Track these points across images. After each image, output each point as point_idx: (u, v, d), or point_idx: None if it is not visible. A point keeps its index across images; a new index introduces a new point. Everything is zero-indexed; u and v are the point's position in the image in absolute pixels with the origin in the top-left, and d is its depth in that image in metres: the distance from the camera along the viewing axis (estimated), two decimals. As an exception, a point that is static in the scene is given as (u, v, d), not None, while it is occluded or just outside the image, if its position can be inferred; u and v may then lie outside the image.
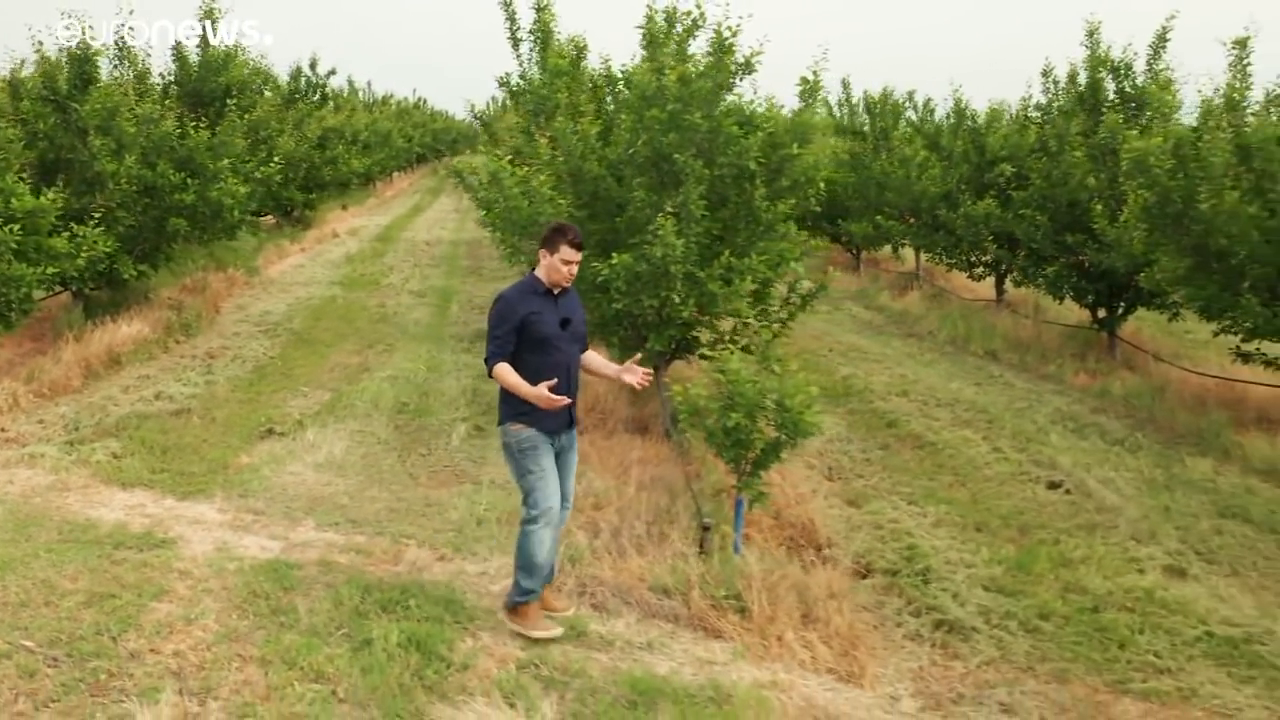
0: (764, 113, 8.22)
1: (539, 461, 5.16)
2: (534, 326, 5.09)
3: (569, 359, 5.21)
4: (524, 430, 5.14)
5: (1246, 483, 8.75)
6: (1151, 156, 9.93)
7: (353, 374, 11.40)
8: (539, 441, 5.15)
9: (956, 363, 13.81)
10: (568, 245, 5.13)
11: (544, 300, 5.17)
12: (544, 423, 5.15)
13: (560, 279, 5.17)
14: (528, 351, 5.11)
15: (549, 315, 5.14)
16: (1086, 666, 5.69)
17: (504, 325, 5.09)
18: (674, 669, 5.31)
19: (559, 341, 5.16)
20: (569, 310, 5.26)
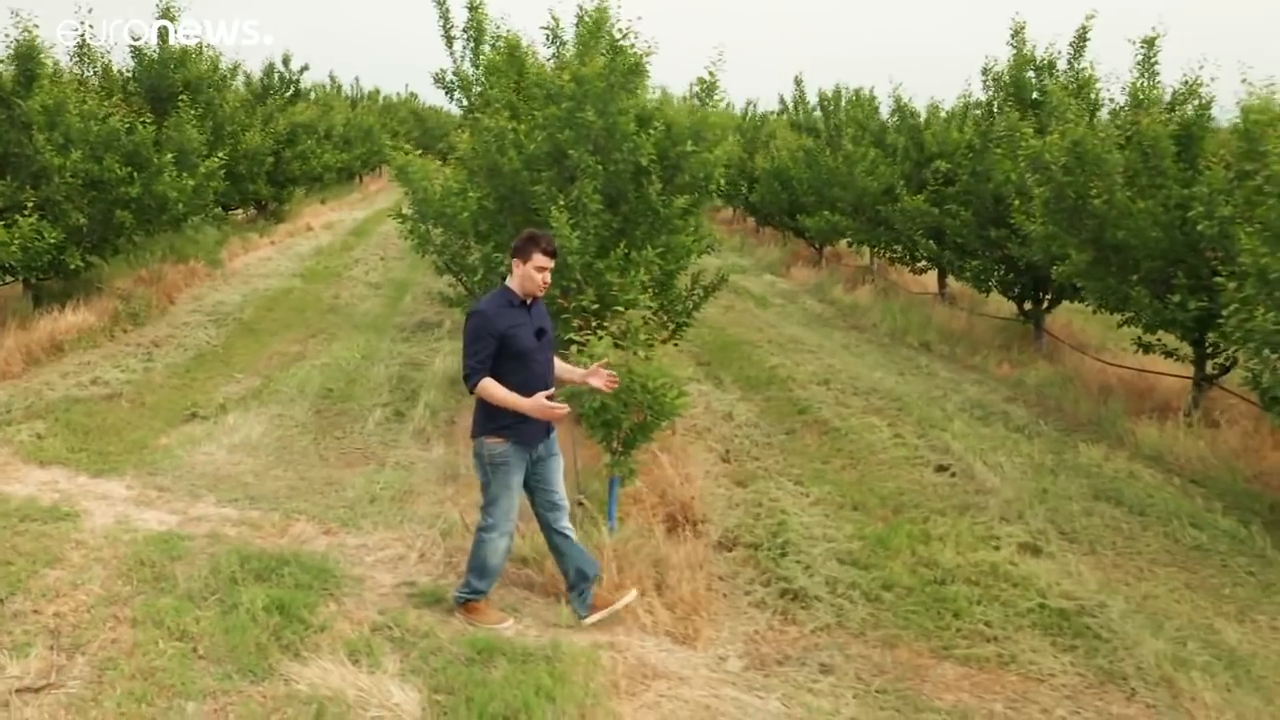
0: (660, 110, 8.55)
1: (508, 479, 5.26)
2: (513, 341, 5.11)
3: (546, 369, 5.28)
4: (500, 445, 5.20)
5: (1131, 468, 9.10)
6: (1047, 154, 10.29)
7: (289, 361, 11.76)
8: (512, 458, 5.22)
9: (889, 354, 14.17)
10: (540, 253, 5.14)
11: (519, 312, 5.19)
12: (524, 436, 5.22)
13: (534, 288, 5.19)
14: (508, 365, 5.12)
15: (526, 328, 5.18)
16: (917, 633, 6.04)
17: (483, 340, 5.09)
18: (520, 631, 5.67)
19: (537, 353, 5.21)
20: (541, 320, 5.31)
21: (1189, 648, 5.97)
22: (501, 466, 5.23)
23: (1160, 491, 8.55)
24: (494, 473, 5.24)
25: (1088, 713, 5.28)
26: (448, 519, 6.80)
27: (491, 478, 5.26)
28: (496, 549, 5.37)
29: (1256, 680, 5.65)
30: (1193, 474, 8.90)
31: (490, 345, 5.08)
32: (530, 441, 5.27)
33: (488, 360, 5.09)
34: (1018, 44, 13.29)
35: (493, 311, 5.14)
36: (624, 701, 5.07)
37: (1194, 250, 9.15)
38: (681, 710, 5.06)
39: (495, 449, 5.20)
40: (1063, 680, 5.60)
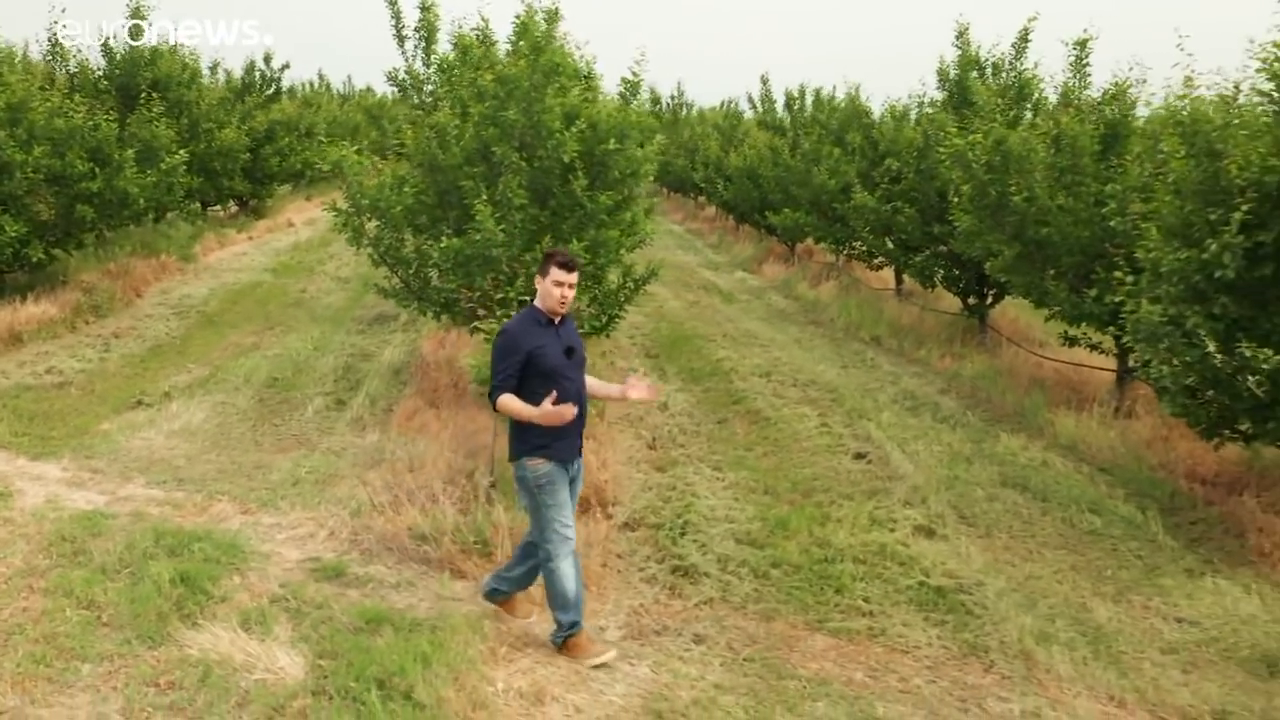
0: (585, 109, 8.83)
1: (556, 495, 5.19)
2: (540, 360, 5.08)
3: (577, 387, 5.23)
4: (542, 465, 5.15)
5: (1045, 456, 9.39)
6: (969, 152, 10.58)
7: (242, 352, 12.07)
8: (556, 475, 5.17)
9: (838, 347, 14.46)
10: (556, 266, 5.12)
11: (546, 331, 5.16)
12: (560, 452, 5.17)
13: (554, 303, 5.15)
14: (536, 384, 5.07)
15: (554, 346, 5.15)
16: (796, 608, 6.34)
17: (509, 359, 5.06)
18: (412, 603, 5.97)
19: (566, 371, 5.17)
20: (571, 339, 5.28)
21: (1057, 625, 6.26)
22: (547, 485, 5.17)
23: (1068, 479, 8.83)
24: (540, 493, 5.18)
25: (943, 682, 5.57)
26: (359, 499, 7.09)
27: (538, 498, 5.20)
28: (567, 574, 5.25)
29: (1116, 655, 5.93)
30: (1102, 463, 9.18)
31: (515, 363, 5.05)
32: (567, 457, 5.23)
33: (512, 379, 5.06)
34: (962, 45, 13.57)
35: (518, 330, 5.13)
36: (499, 667, 5.37)
37: (1111, 246, 9.43)
38: (553, 675, 5.36)
39: (539, 469, 5.15)
40: (927, 652, 5.90)
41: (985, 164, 10.41)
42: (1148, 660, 5.90)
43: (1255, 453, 8.69)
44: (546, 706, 5.09)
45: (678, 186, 34.94)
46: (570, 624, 5.35)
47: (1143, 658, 5.92)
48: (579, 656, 5.38)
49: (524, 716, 4.99)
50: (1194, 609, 6.54)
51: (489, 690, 5.13)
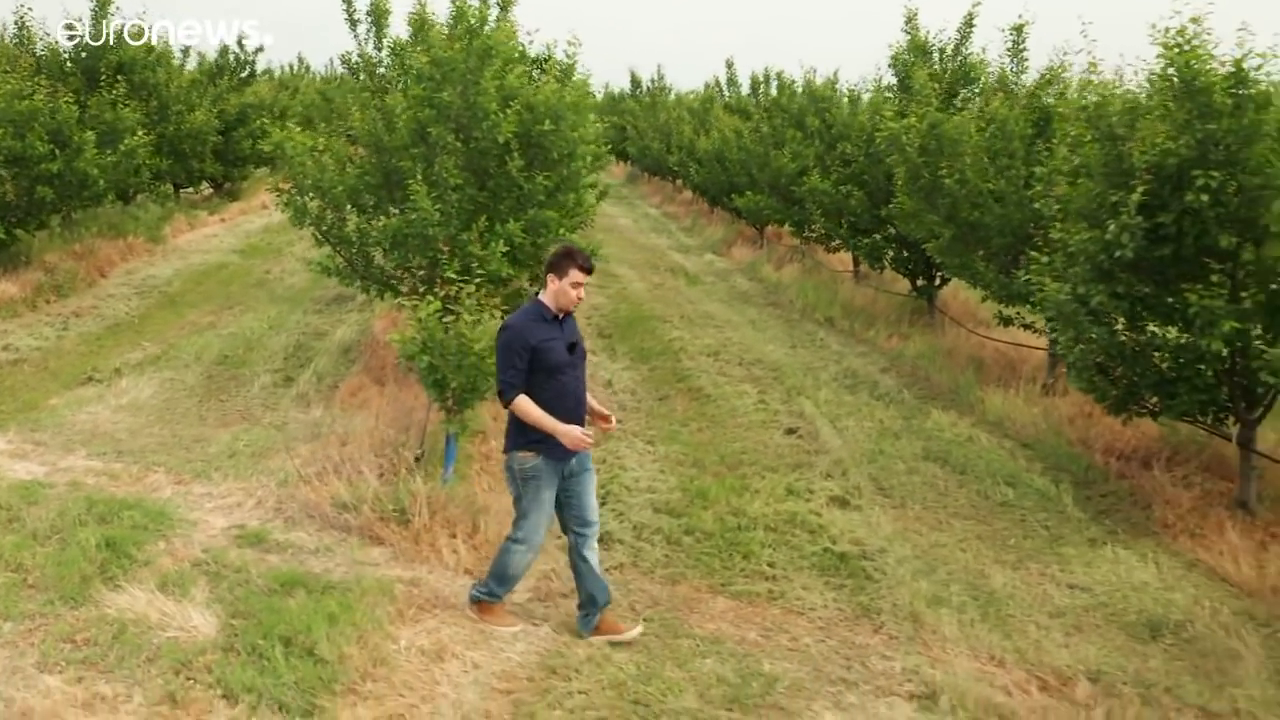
0: (522, 91, 9.03)
1: (540, 494, 5.24)
2: (545, 355, 5.09)
3: (578, 384, 5.24)
4: (531, 459, 5.18)
5: (971, 432, 9.66)
6: (904, 135, 10.82)
7: (198, 330, 12.28)
8: (543, 472, 5.20)
9: (792, 328, 14.71)
10: (577, 269, 5.11)
11: (551, 327, 5.17)
12: (554, 451, 5.17)
13: (569, 303, 5.17)
14: (539, 379, 5.10)
15: (558, 342, 5.15)
16: (703, 572, 6.60)
17: (515, 355, 5.08)
18: (329, 568, 6.22)
19: (568, 367, 5.18)
20: (573, 335, 5.29)
21: (952, 589, 6.53)
22: (533, 480, 5.20)
23: (990, 453, 9.11)
24: (525, 487, 5.23)
25: (832, 641, 5.84)
26: (287, 470, 7.32)
27: (522, 491, 5.25)
28: (520, 562, 5.40)
29: (1003, 619, 6.20)
30: (1025, 438, 9.45)
31: (523, 359, 5.07)
32: (561, 455, 5.21)
33: (522, 375, 5.08)
34: (911, 30, 13.77)
35: (523, 325, 5.13)
36: (405, 627, 5.62)
37: (1034, 228, 9.69)
38: (457, 634, 5.61)
39: (526, 463, 5.18)
40: (821, 614, 6.16)
41: (919, 147, 10.64)
42: (1034, 623, 6.17)
43: (1172, 429, 8.96)
44: (446, 663, 5.34)
45: (656, 170, 35.09)
46: (493, 593, 5.56)
47: (1029, 621, 6.19)
48: (487, 619, 5.57)
49: (423, 672, 5.23)
50: (1088, 576, 6.81)
51: (391, 648, 5.38)
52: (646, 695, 5.12)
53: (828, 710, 5.12)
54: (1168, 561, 7.03)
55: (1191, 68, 6.76)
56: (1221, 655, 5.81)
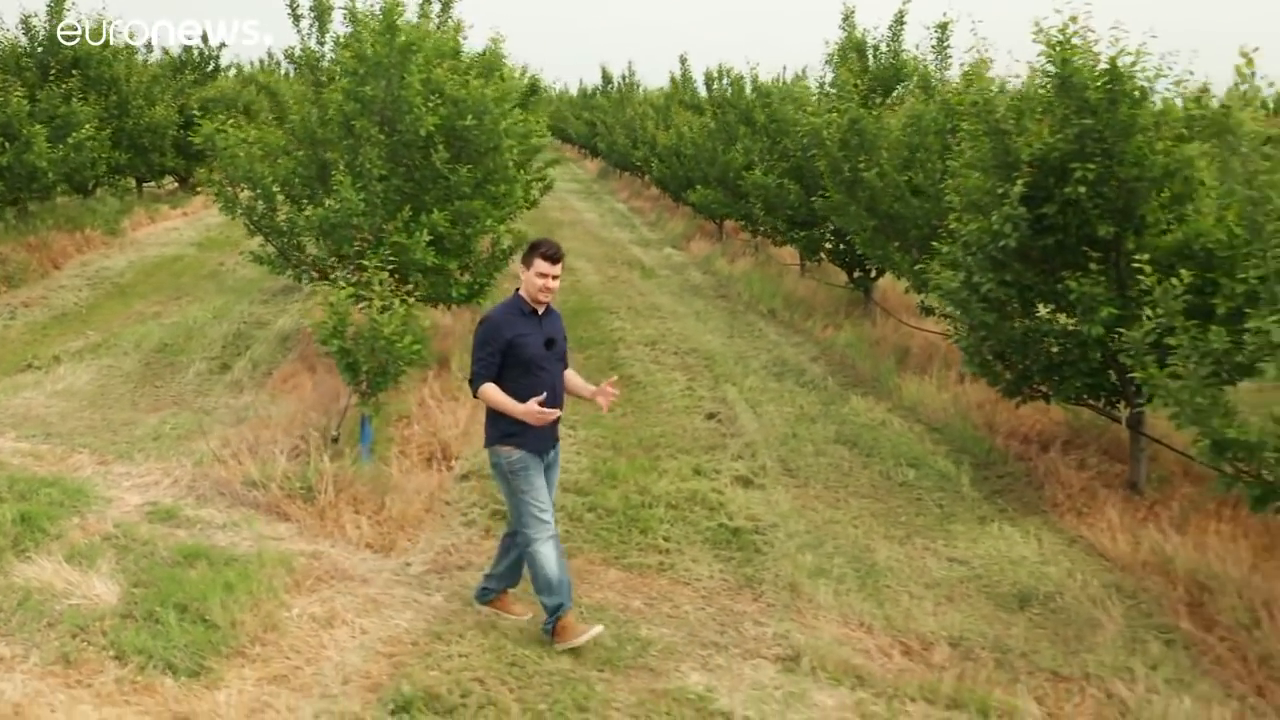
0: (447, 86, 9.30)
1: (530, 480, 5.25)
2: (519, 349, 5.15)
3: (554, 379, 5.30)
4: (514, 452, 5.23)
5: (885, 417, 9.97)
6: (824, 130, 11.13)
7: (143, 320, 12.48)
8: (529, 461, 5.25)
9: (735, 319, 15.01)
10: (540, 258, 5.16)
11: (529, 321, 5.24)
12: (532, 443, 5.25)
13: (536, 292, 5.20)
14: (514, 373, 5.17)
15: (534, 337, 5.21)
16: (600, 546, 6.89)
17: (489, 347, 5.16)
18: (234, 541, 6.48)
19: (544, 362, 5.24)
20: (552, 330, 5.34)
21: (835, 562, 6.83)
22: (521, 471, 5.26)
23: (900, 437, 9.42)
24: (514, 478, 5.27)
25: (711, 609, 6.13)
26: (202, 451, 7.57)
27: (513, 483, 5.28)
28: (549, 557, 5.26)
29: (880, 589, 6.50)
30: (935, 423, 9.78)
31: (495, 351, 5.15)
32: (539, 447, 5.31)
33: (492, 366, 5.16)
34: (848, 28, 14.07)
35: (500, 319, 5.21)
36: (300, 596, 5.90)
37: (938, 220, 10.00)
38: (350, 602, 5.89)
39: (511, 456, 5.24)
40: (706, 584, 6.46)
41: (840, 142, 10.95)
42: (908, 593, 6.48)
43: (1075, 414, 9.30)
44: (335, 629, 5.62)
45: (624, 165, 35.37)
46: (555, 607, 5.32)
47: (904, 591, 6.50)
48: (567, 639, 5.36)
49: (311, 637, 5.50)
50: (970, 551, 7.13)
51: (284, 615, 5.65)
52: (524, 658, 5.40)
53: (695, 671, 5.41)
54: (1050, 538, 7.34)
55: (1069, 65, 7.07)
56: (1083, 624, 6.13)
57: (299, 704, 4.87)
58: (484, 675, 5.20)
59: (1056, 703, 5.32)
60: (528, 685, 5.14)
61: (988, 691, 5.34)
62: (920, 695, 5.29)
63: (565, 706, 4.96)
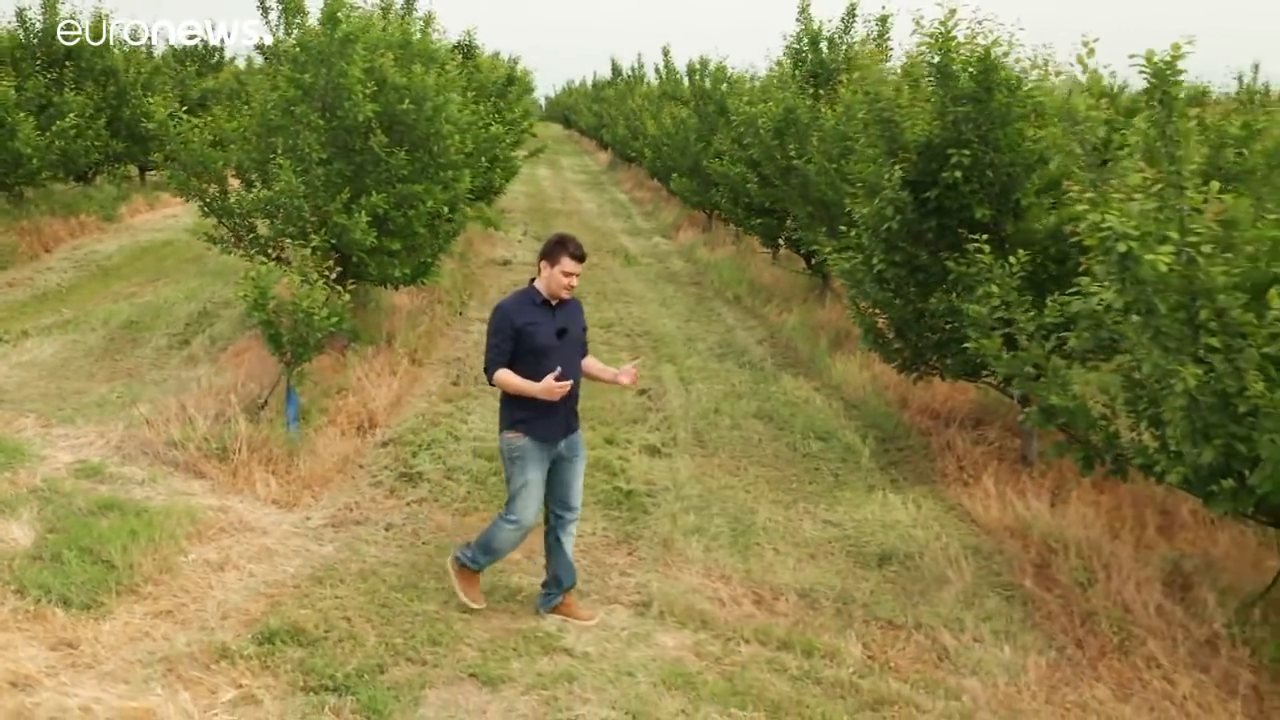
0: (389, 74, 9.78)
1: (526, 473, 5.37)
2: (530, 337, 5.25)
3: (567, 368, 5.30)
4: (519, 439, 5.34)
5: (809, 394, 10.38)
6: (759, 119, 11.53)
7: (118, 299, 13.06)
8: (530, 452, 5.35)
9: (700, 304, 15.43)
10: (568, 257, 5.26)
11: (541, 311, 5.33)
12: (541, 431, 5.34)
13: (559, 289, 5.31)
14: (526, 361, 5.25)
15: (545, 326, 5.29)
16: (496, 506, 7.28)
17: (500, 335, 5.28)
18: (150, 496, 6.99)
19: (555, 352, 5.28)
20: (567, 320, 5.42)
21: (715, 522, 7.27)
22: (519, 460, 5.36)
23: (818, 412, 9.83)
24: (512, 465, 5.40)
25: (585, 561, 6.57)
26: (134, 417, 8.09)
27: (510, 469, 5.43)
28: (508, 538, 5.53)
29: (749, 547, 6.93)
30: (855, 400, 10.17)
31: (507, 339, 5.25)
32: (549, 438, 5.38)
33: (504, 354, 5.26)
34: (804, 20, 14.43)
35: (512, 308, 5.33)
36: (200, 544, 6.41)
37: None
38: (245, 550, 6.40)
39: (514, 443, 5.35)
40: (588, 540, 6.91)
41: (775, 130, 11.34)
42: (774, 550, 6.91)
43: (984, 392, 9.67)
44: (226, 573, 6.13)
45: (627, 156, 35.83)
46: (476, 562, 5.65)
47: (771, 548, 6.92)
48: (459, 584, 5.69)
49: (202, 579, 6.01)
50: (848, 515, 7.54)
51: (180, 559, 6.16)
52: (395, 600, 5.88)
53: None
54: (930, 505, 7.74)
55: (946, 55, 7.44)
56: (933, 581, 6.54)
57: (175, 634, 5.37)
58: (353, 614, 5.67)
59: (881, 648, 5.74)
60: (391, 623, 5.61)
61: (817, 635, 5.77)
62: (755, 638, 5.73)
63: (420, 641, 5.43)
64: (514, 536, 5.54)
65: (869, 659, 5.62)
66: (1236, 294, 4.85)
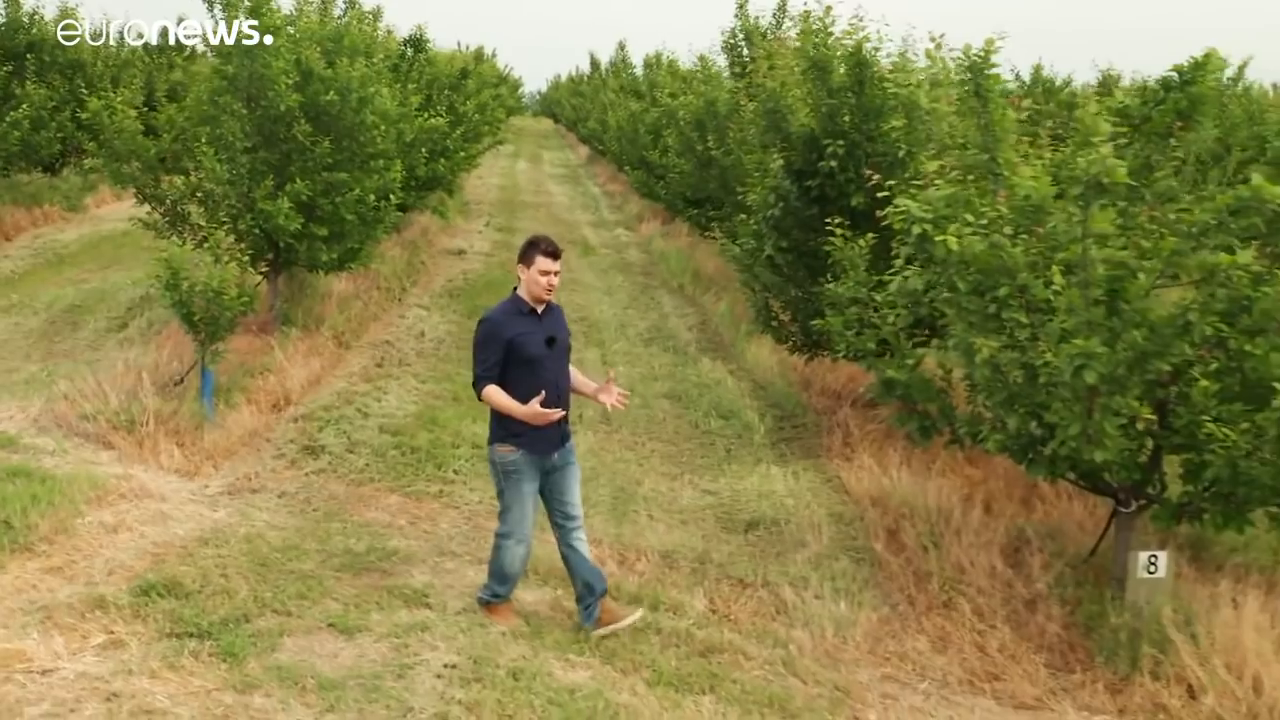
0: (314, 67, 10.16)
1: (520, 487, 5.29)
2: (521, 348, 5.13)
3: (556, 376, 5.26)
4: (511, 453, 5.24)
5: (723, 376, 10.79)
6: (680, 111, 11.93)
7: (66, 285, 13.43)
8: (523, 466, 5.26)
9: (644, 293, 15.83)
10: (542, 256, 5.14)
11: (529, 320, 5.22)
12: (534, 445, 5.24)
13: (540, 291, 5.17)
14: (516, 372, 5.14)
15: (535, 335, 5.18)
16: (393, 478, 7.73)
17: (489, 348, 5.15)
18: (59, 464, 7.36)
19: (546, 361, 5.20)
20: (554, 328, 5.31)
21: (601, 492, 7.67)
22: (513, 474, 5.27)
23: (727, 393, 10.23)
24: (506, 480, 5.30)
25: (466, 528, 6.99)
26: (53, 394, 8.47)
27: (504, 485, 5.32)
28: (514, 557, 5.37)
29: (628, 515, 7.35)
30: (764, 382, 10.57)
31: (496, 352, 5.13)
32: (542, 450, 5.29)
33: (495, 367, 5.14)
34: (741, 16, 14.82)
35: (500, 319, 5.20)
36: (98, 509, 6.76)
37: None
38: (141, 515, 6.76)
39: (507, 457, 5.24)
40: (473, 508, 7.31)
41: (694, 122, 11.74)
42: (648, 517, 7.31)
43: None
44: (119, 535, 6.49)
45: (601, 150, 36.24)
46: (496, 594, 5.53)
47: (646, 515, 7.33)
48: (494, 618, 5.51)
49: (95, 539, 6.37)
50: (729, 486, 7.95)
51: (78, 522, 6.53)
52: (274, 560, 6.25)
53: (422, 573, 6.25)
54: (809, 477, 8.14)
55: (821, 50, 7.84)
56: (792, 544, 6.95)
57: (60, 587, 5.74)
58: (230, 571, 6.04)
59: (725, 602, 6.15)
60: (265, 580, 5.98)
61: (666, 591, 6.17)
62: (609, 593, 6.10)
63: (288, 595, 5.80)
64: (518, 552, 5.38)
65: (711, 612, 6.02)
66: (1035, 273, 5.26)
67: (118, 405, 7.97)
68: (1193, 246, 4.47)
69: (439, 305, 13.86)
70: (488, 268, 17.35)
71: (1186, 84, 5.75)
